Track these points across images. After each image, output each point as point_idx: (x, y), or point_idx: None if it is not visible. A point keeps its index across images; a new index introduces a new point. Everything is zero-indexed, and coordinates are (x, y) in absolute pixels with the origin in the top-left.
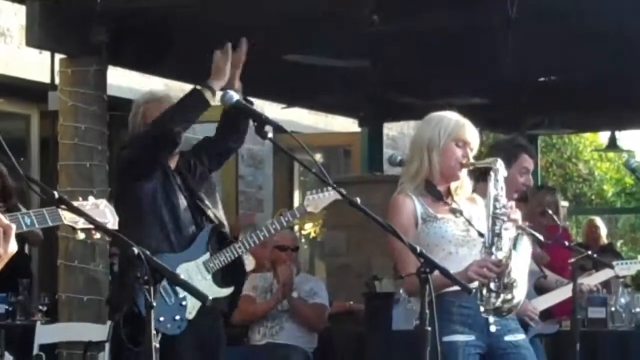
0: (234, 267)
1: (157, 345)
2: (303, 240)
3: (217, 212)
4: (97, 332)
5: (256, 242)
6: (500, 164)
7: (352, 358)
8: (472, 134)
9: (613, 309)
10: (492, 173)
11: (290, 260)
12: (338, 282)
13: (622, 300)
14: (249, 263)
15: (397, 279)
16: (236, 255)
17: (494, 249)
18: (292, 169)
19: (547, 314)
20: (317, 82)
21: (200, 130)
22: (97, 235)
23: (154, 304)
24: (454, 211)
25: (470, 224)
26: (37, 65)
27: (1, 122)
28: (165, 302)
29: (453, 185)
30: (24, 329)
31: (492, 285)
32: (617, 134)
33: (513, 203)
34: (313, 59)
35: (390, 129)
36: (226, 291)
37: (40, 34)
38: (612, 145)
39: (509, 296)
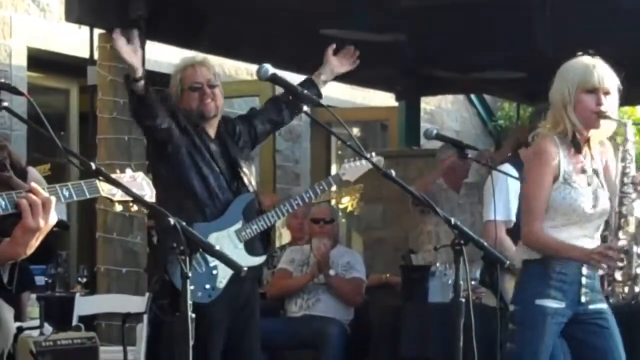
0: (266, 235)
1: (193, 315)
2: (341, 214)
3: (252, 181)
4: (136, 303)
5: (289, 210)
6: (629, 128)
7: (388, 330)
8: (601, 78)
9: None
10: (619, 141)
11: (324, 232)
12: (375, 256)
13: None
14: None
15: (434, 251)
16: (269, 225)
17: (620, 233)
18: (329, 143)
19: None
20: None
21: (239, 105)
22: (135, 207)
23: (190, 274)
24: (587, 173)
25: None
26: (76, 41)
27: (41, 96)
28: (196, 270)
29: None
30: (63, 300)
31: (617, 276)
32: None
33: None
34: (349, 34)
35: (428, 103)
36: (259, 260)
37: (79, 9)
38: None
39: (637, 289)
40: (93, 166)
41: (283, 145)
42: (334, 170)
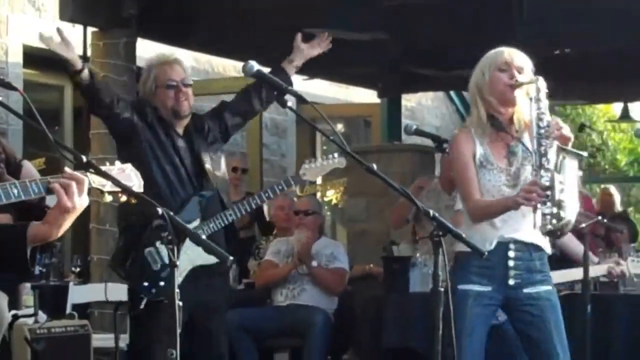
0: (232, 232)
1: (180, 303)
2: (326, 207)
3: (219, 176)
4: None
5: (247, 209)
6: (541, 82)
7: (371, 319)
8: (512, 55)
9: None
10: (533, 92)
11: (304, 224)
12: (358, 247)
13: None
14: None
15: (414, 243)
16: (227, 222)
17: (542, 171)
18: (314, 138)
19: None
20: (338, 55)
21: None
22: (124, 198)
23: (178, 263)
24: (511, 152)
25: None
26: (70, 38)
27: (36, 93)
28: (151, 267)
29: (512, 111)
30: (58, 289)
31: (545, 210)
32: (630, 105)
33: (558, 120)
34: (333, 32)
35: (409, 100)
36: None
37: (73, 9)
38: (625, 116)
39: (560, 216)
40: (84, 159)
41: (270, 140)
42: None
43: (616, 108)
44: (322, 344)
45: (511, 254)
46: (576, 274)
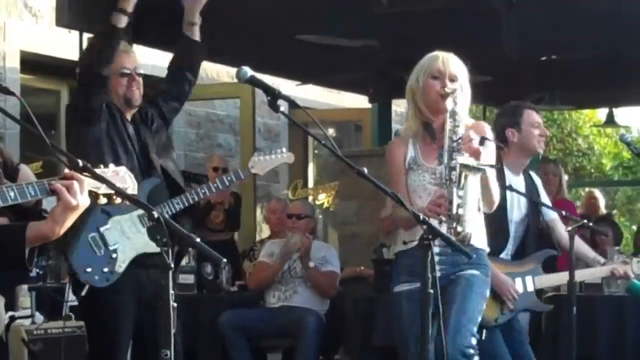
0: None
1: (175, 304)
2: (317, 210)
3: (168, 164)
4: None
5: (195, 198)
6: (459, 94)
7: (362, 320)
8: (446, 63)
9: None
10: (449, 106)
11: (296, 227)
12: (349, 250)
13: None
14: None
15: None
16: (174, 211)
17: (450, 184)
18: (306, 143)
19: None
20: (329, 61)
21: (220, 106)
22: (118, 200)
23: (172, 265)
24: (441, 154)
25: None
26: (66, 44)
27: (33, 97)
28: (94, 253)
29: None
30: (54, 291)
31: (444, 220)
32: (615, 110)
33: (471, 132)
34: (325, 39)
35: (399, 105)
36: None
37: (69, 15)
38: (610, 121)
39: (459, 229)
40: (79, 162)
41: (263, 144)
42: (311, 168)
43: (601, 113)
44: (314, 344)
45: (435, 249)
46: (581, 274)
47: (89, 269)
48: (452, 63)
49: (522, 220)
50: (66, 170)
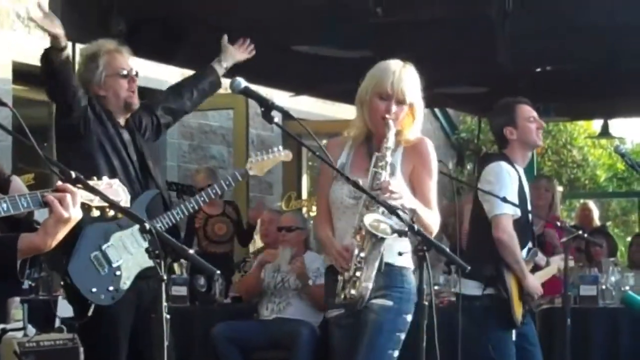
0: (173, 234)
1: (168, 316)
2: (312, 221)
3: (158, 177)
4: None
5: (195, 207)
6: (391, 134)
7: None
8: (396, 86)
9: (604, 287)
10: (378, 145)
11: (286, 240)
12: None
13: (612, 279)
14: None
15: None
16: (173, 222)
17: (358, 236)
18: (300, 154)
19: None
20: (324, 72)
21: (214, 117)
22: (111, 213)
23: (165, 277)
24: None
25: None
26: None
27: (25, 108)
28: (99, 272)
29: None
30: (46, 303)
31: (345, 276)
32: (610, 121)
33: (390, 186)
34: (320, 50)
35: None
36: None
37: (62, 25)
38: (605, 132)
39: (351, 291)
40: (72, 174)
41: None
42: (304, 180)
43: (596, 124)
44: (307, 356)
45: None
46: (544, 274)
47: (94, 289)
48: (403, 83)
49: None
50: (59, 183)
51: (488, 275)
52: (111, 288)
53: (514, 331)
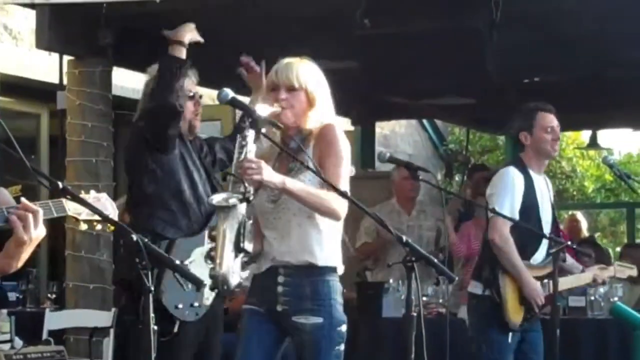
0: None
1: (155, 327)
2: None
3: None
4: (103, 318)
5: None
6: (255, 116)
7: (345, 343)
8: (280, 74)
9: (592, 298)
10: (241, 127)
11: None
12: None
13: (601, 290)
14: None
15: (387, 269)
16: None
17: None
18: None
19: None
20: None
21: (201, 128)
22: (99, 226)
23: (152, 288)
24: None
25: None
26: (46, 67)
27: (13, 120)
28: (182, 288)
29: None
30: (34, 315)
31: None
32: (598, 132)
33: (252, 164)
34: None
35: (382, 128)
36: None
37: (49, 37)
38: (593, 143)
39: (211, 272)
40: (60, 186)
41: None
42: None
43: (584, 136)
44: None
45: (280, 279)
46: (574, 281)
47: (180, 305)
48: (288, 70)
49: (552, 221)
50: (23, 200)
51: (485, 277)
52: (195, 304)
53: (514, 336)
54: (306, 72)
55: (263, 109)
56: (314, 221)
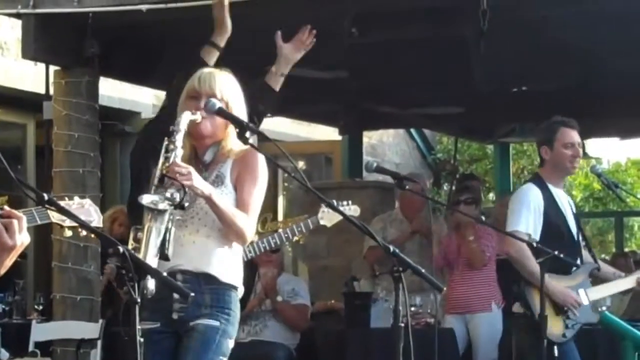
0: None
1: (141, 340)
2: (287, 244)
3: None
4: (90, 330)
5: (267, 247)
6: (182, 121)
7: (333, 354)
8: (202, 81)
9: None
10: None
11: (269, 261)
12: (320, 283)
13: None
14: None
15: (375, 279)
16: (246, 259)
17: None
18: (276, 175)
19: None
20: (299, 93)
21: None
22: (84, 233)
23: (138, 300)
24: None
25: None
26: (32, 77)
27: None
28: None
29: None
30: (20, 327)
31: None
32: (586, 142)
33: (180, 169)
34: (295, 70)
35: (370, 137)
36: None
37: (35, 47)
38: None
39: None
40: (46, 197)
41: None
42: (280, 201)
43: None
44: None
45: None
46: (614, 287)
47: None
48: (211, 79)
49: (578, 232)
50: (6, 208)
51: (515, 294)
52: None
53: (563, 347)
54: (228, 85)
55: (186, 116)
56: (222, 237)
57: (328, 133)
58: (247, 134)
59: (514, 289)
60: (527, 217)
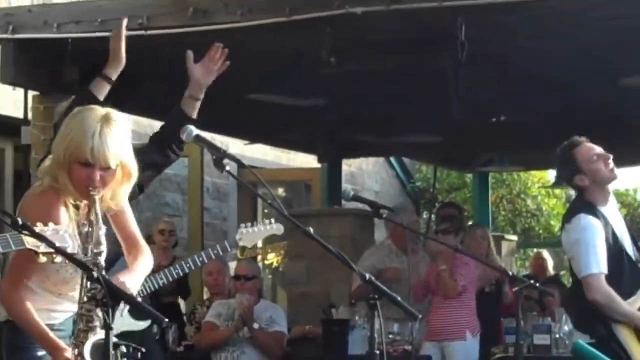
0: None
1: None
2: (266, 270)
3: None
4: None
5: (180, 273)
6: (97, 209)
7: None
8: (97, 153)
9: (557, 335)
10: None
11: (245, 289)
12: (298, 310)
13: (566, 328)
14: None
15: (353, 306)
16: (156, 287)
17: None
18: (255, 202)
19: None
20: (278, 120)
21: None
22: (58, 259)
23: (113, 325)
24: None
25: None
26: (11, 102)
27: None
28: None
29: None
30: None
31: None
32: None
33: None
34: (274, 98)
35: (350, 165)
36: (143, 324)
37: (14, 72)
38: (559, 182)
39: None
40: (20, 221)
41: (211, 204)
42: None
43: (550, 174)
44: None
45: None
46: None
47: None
48: (105, 148)
49: (632, 243)
50: None
51: (600, 335)
52: None
53: None
54: (120, 146)
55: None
56: None
57: (308, 160)
58: (225, 162)
59: (597, 331)
60: (595, 256)
